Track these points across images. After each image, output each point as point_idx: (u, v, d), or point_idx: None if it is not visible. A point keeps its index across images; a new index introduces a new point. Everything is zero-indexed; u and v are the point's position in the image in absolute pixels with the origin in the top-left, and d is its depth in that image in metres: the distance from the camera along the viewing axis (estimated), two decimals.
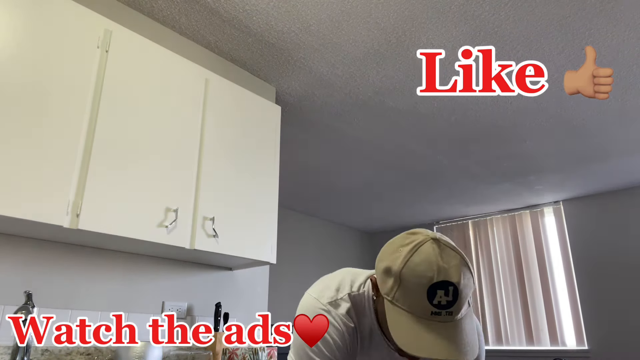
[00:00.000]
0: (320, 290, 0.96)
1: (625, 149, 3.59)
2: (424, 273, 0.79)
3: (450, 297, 0.78)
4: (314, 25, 2.20)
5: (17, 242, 1.62)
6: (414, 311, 0.79)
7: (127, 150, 1.68)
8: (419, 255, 0.81)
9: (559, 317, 4.65)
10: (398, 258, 0.82)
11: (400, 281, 0.81)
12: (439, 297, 0.78)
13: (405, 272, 0.80)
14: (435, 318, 0.78)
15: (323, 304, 0.93)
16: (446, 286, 0.78)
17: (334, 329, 0.91)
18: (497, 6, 2.07)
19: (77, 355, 1.64)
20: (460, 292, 0.79)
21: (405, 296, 0.80)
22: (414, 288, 0.79)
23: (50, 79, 1.53)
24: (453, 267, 0.79)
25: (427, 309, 0.78)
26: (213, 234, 1.88)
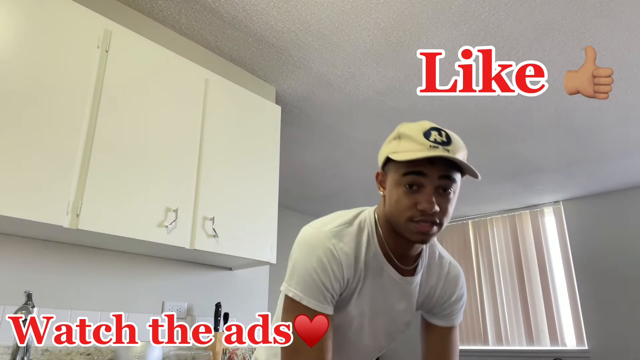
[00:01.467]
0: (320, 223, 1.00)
1: (624, 149, 3.59)
2: (419, 125, 0.92)
3: (444, 138, 0.90)
4: (314, 25, 2.20)
5: (17, 242, 1.62)
6: (415, 148, 0.88)
7: (127, 150, 1.68)
8: (414, 123, 0.95)
9: (559, 317, 4.65)
10: (397, 129, 0.96)
11: (400, 136, 0.93)
12: (434, 136, 0.89)
13: (403, 129, 0.93)
14: (434, 150, 0.87)
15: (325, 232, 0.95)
16: (439, 130, 0.91)
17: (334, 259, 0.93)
18: (497, 6, 2.07)
19: (77, 355, 1.64)
20: (453, 138, 0.92)
21: (406, 143, 0.91)
22: (412, 134, 0.90)
23: (50, 79, 1.53)
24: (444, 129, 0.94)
25: (426, 144, 0.88)
26: (213, 234, 1.88)
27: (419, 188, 0.89)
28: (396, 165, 0.92)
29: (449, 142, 0.90)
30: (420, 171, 0.89)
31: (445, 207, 0.91)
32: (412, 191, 0.89)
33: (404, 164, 0.90)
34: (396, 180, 0.92)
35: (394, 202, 0.92)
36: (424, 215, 0.89)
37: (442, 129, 0.92)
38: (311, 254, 0.93)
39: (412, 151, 0.88)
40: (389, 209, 0.95)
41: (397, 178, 0.91)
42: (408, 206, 0.90)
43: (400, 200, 0.91)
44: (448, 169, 0.90)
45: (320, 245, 0.94)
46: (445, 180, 0.90)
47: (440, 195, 0.90)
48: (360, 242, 0.97)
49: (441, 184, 0.90)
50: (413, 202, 0.89)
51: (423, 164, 0.88)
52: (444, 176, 0.89)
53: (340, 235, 0.96)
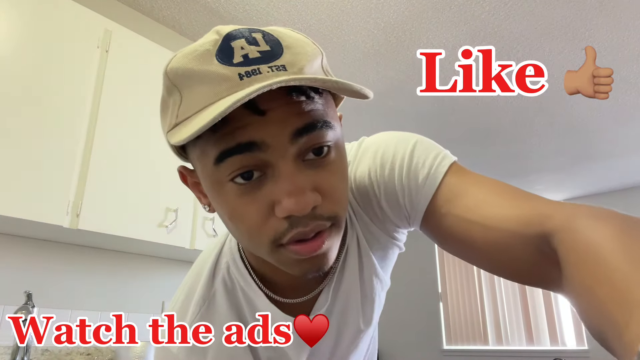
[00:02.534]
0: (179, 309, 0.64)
1: (625, 149, 3.59)
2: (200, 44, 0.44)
3: (264, 45, 0.42)
4: (314, 25, 2.20)
5: (17, 242, 1.62)
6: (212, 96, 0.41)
7: (127, 150, 1.67)
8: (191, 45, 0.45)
9: (559, 317, 4.65)
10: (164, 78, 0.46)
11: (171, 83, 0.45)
12: (241, 49, 0.42)
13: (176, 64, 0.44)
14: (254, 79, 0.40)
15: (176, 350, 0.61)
16: (246, 35, 0.43)
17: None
18: (497, 6, 2.07)
19: (77, 355, 1.64)
20: (282, 38, 0.44)
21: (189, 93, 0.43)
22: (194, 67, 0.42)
23: (50, 79, 1.53)
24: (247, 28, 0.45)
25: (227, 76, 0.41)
26: (213, 234, 1.88)
27: (263, 172, 0.43)
28: (200, 148, 0.45)
29: (278, 50, 0.43)
30: (248, 141, 0.41)
31: (331, 188, 0.45)
32: (251, 185, 0.43)
33: (211, 140, 0.42)
34: (211, 177, 0.45)
35: (229, 222, 0.47)
36: (297, 226, 0.43)
37: (253, 29, 0.44)
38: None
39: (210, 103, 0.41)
40: (233, 236, 0.54)
41: (210, 172, 0.45)
42: (258, 220, 0.44)
43: (237, 214, 0.45)
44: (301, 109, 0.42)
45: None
46: (304, 135, 0.42)
47: (309, 167, 0.44)
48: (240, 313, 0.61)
49: (303, 144, 0.43)
50: (265, 206, 0.43)
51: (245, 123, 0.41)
52: (301, 128, 0.42)
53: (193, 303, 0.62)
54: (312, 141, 0.43)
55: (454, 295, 5.39)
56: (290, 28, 0.48)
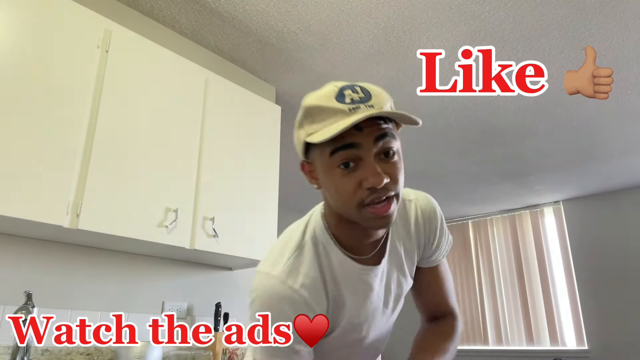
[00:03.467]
0: (271, 262, 0.87)
1: (625, 149, 3.59)
2: (326, 91, 0.77)
3: (361, 93, 0.75)
4: (314, 25, 2.20)
5: (17, 242, 1.62)
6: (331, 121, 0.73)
7: (127, 150, 1.68)
8: (319, 89, 0.79)
9: (559, 317, 4.65)
10: (302, 104, 0.80)
11: (309, 112, 0.77)
12: (349, 95, 0.74)
13: (309, 102, 0.78)
14: (355, 112, 0.72)
15: (277, 276, 0.83)
16: (352, 87, 0.76)
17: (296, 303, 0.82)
18: (497, 6, 2.07)
19: (77, 355, 1.64)
20: (372, 91, 0.76)
21: (319, 119, 0.75)
22: (323, 105, 0.75)
23: (50, 79, 1.53)
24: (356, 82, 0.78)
25: (343, 109, 0.73)
26: (213, 234, 1.88)
27: (356, 163, 0.74)
28: (320, 148, 0.76)
29: (369, 96, 0.75)
30: (350, 143, 0.73)
31: (395, 174, 0.76)
32: (349, 170, 0.74)
33: (328, 143, 0.73)
34: (326, 165, 0.76)
35: (334, 192, 0.78)
36: (375, 193, 0.74)
37: (356, 84, 0.76)
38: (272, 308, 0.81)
39: (332, 124, 0.73)
40: (333, 203, 0.81)
41: (326, 161, 0.76)
42: (352, 190, 0.75)
43: (340, 187, 0.76)
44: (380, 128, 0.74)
45: (277, 297, 0.81)
46: (382, 141, 0.75)
47: (384, 162, 0.75)
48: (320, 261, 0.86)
49: (380, 148, 0.75)
50: (356, 183, 0.74)
51: (350, 134, 0.73)
52: (379, 137, 0.74)
53: (294, 270, 0.84)
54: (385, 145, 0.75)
55: None
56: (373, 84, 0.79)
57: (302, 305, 0.82)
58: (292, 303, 0.82)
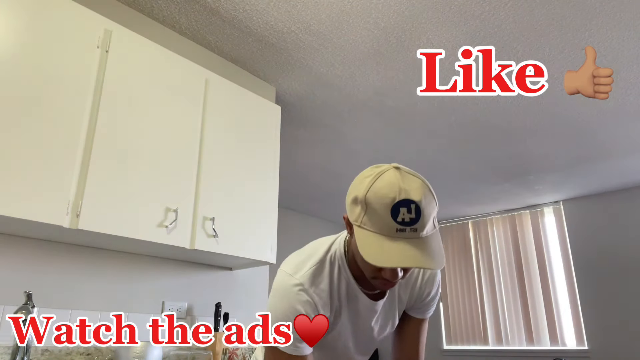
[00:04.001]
0: (294, 265, 1.02)
1: (625, 149, 3.59)
2: (386, 194, 0.83)
3: (413, 214, 0.83)
4: (314, 25, 2.20)
5: (17, 242, 1.62)
6: (380, 231, 0.84)
7: (127, 150, 1.68)
8: (382, 181, 0.86)
9: (559, 317, 4.65)
10: (362, 186, 0.88)
11: (366, 206, 0.85)
12: (402, 214, 0.82)
13: (370, 196, 0.85)
14: (400, 235, 0.83)
15: (298, 279, 0.98)
16: (408, 204, 0.83)
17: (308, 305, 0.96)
18: (497, 6, 2.07)
19: (77, 355, 1.64)
20: (423, 210, 0.83)
21: (372, 219, 0.85)
22: (379, 208, 0.83)
23: (50, 79, 1.53)
24: (414, 189, 0.84)
25: (392, 226, 0.83)
26: (213, 234, 1.88)
27: None
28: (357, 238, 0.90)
29: (418, 217, 0.83)
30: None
31: (409, 271, 0.95)
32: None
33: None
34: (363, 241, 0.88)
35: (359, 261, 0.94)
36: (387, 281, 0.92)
37: (412, 201, 0.83)
38: (286, 304, 0.96)
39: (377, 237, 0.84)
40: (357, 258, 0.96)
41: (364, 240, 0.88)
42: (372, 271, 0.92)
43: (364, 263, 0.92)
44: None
45: (294, 295, 0.96)
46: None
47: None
48: (333, 278, 1.01)
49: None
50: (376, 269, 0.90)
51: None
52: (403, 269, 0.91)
53: (314, 278, 0.99)
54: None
55: (454, 295, 5.39)
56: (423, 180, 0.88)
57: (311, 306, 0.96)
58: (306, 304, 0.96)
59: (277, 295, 0.99)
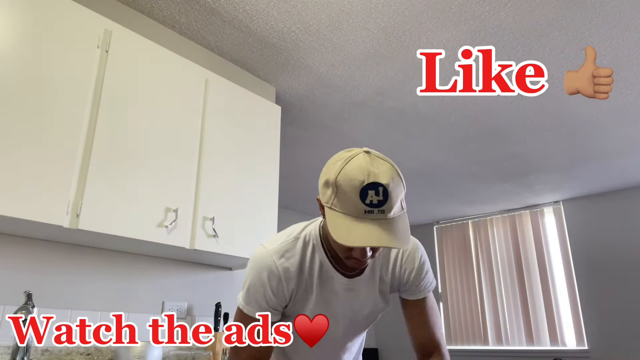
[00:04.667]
0: (270, 240, 1.09)
1: (625, 149, 3.59)
2: (355, 177, 0.88)
3: (380, 196, 0.87)
4: (314, 25, 2.20)
5: (17, 242, 1.62)
6: (350, 212, 0.88)
7: (127, 150, 1.68)
8: (352, 164, 0.90)
9: (559, 317, 4.65)
10: (334, 169, 0.91)
11: (336, 188, 0.90)
12: (370, 197, 0.87)
13: (340, 179, 0.89)
14: (368, 216, 0.87)
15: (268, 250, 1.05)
16: (376, 187, 0.87)
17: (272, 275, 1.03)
18: (497, 6, 2.07)
19: (77, 355, 1.64)
20: (390, 193, 0.88)
21: (341, 201, 0.89)
22: (349, 191, 0.88)
23: (50, 79, 1.53)
24: (382, 172, 0.89)
25: (361, 208, 0.87)
26: (213, 234, 1.88)
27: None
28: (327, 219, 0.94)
29: (385, 199, 0.87)
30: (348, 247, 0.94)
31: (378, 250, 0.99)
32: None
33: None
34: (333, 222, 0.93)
35: (331, 242, 0.99)
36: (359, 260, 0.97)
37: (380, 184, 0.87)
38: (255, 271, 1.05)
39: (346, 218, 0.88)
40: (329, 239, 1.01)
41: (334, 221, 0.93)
42: (343, 251, 0.97)
43: (335, 244, 0.97)
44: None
45: (263, 264, 1.04)
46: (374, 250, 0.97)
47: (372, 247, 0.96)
48: (305, 256, 1.06)
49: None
50: (347, 249, 0.95)
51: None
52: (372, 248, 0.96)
53: (283, 252, 1.05)
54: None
55: (454, 295, 5.39)
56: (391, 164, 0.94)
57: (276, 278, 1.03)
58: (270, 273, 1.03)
59: (249, 264, 1.07)
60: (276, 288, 1.03)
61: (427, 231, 5.73)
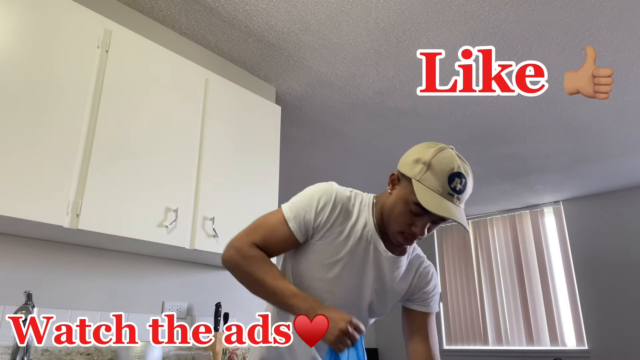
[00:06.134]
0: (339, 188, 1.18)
1: (625, 149, 3.59)
2: (449, 163, 1.03)
3: (462, 186, 1.03)
4: (314, 25, 2.20)
5: (17, 242, 1.62)
6: (436, 189, 1.01)
7: (127, 150, 1.67)
8: (445, 153, 1.05)
9: (559, 317, 4.65)
10: (428, 152, 1.05)
11: (429, 166, 1.02)
12: (456, 183, 1.02)
13: (435, 161, 1.03)
14: (449, 197, 1.01)
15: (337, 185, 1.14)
16: (461, 177, 1.03)
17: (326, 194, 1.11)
18: (497, 6, 2.07)
19: (77, 355, 1.64)
20: (468, 187, 1.05)
21: (430, 177, 1.02)
22: (440, 172, 1.01)
23: (50, 79, 1.53)
24: (467, 168, 1.06)
25: (446, 189, 1.01)
26: (213, 234, 1.88)
27: (420, 215, 1.04)
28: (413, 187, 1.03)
29: (464, 189, 1.03)
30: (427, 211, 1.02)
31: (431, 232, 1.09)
32: (413, 214, 1.04)
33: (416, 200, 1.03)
34: (406, 198, 1.05)
35: (395, 212, 1.07)
36: (412, 236, 1.07)
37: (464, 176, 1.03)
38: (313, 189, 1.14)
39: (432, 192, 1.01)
40: (388, 211, 1.09)
41: (407, 197, 1.04)
42: (405, 223, 1.06)
43: (400, 215, 1.06)
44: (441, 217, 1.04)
45: (327, 187, 1.13)
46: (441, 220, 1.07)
47: (433, 224, 1.07)
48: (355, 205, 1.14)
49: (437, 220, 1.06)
50: (410, 222, 1.05)
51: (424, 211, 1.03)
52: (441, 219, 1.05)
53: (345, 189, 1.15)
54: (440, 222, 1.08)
55: (454, 295, 5.39)
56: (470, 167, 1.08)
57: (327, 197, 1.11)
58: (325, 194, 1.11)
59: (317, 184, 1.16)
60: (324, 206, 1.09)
61: None
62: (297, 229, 1.10)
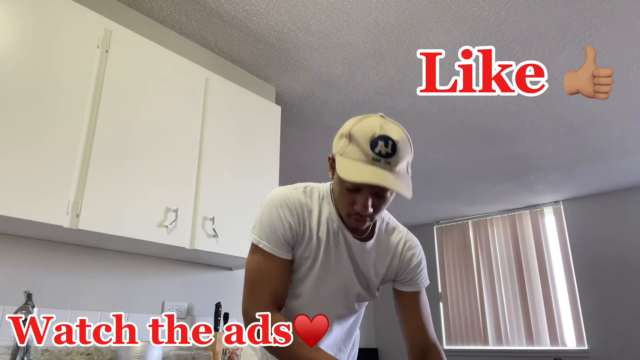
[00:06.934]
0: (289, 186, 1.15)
1: (625, 149, 3.59)
2: (369, 129, 0.95)
3: (389, 149, 0.93)
4: (314, 25, 2.20)
5: (17, 242, 1.62)
6: (359, 158, 0.94)
7: (127, 150, 1.68)
8: (366, 121, 0.98)
9: (559, 317, 4.65)
10: (350, 123, 1.00)
11: (349, 138, 0.97)
12: (380, 147, 0.93)
13: (354, 130, 0.97)
14: (376, 163, 0.93)
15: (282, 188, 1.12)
16: (386, 139, 0.94)
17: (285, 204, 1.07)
18: (497, 6, 2.07)
19: (77, 355, 1.64)
20: (399, 149, 0.95)
21: (353, 149, 0.96)
22: (361, 140, 0.94)
23: (50, 79, 1.53)
24: (394, 130, 0.96)
25: (370, 155, 0.93)
26: (213, 234, 1.88)
27: (356, 191, 0.98)
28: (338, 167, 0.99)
29: (393, 152, 0.94)
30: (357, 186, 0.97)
31: (379, 207, 1.01)
32: (351, 191, 0.99)
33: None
34: (339, 177, 1.00)
35: (337, 195, 1.05)
36: (359, 215, 1.00)
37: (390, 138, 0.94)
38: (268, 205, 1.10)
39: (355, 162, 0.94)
40: (335, 197, 1.07)
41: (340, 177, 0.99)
42: (346, 204, 1.00)
43: (341, 196, 1.02)
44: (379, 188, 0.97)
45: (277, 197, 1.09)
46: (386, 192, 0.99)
47: (376, 197, 0.99)
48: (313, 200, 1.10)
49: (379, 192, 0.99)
50: (351, 201, 0.99)
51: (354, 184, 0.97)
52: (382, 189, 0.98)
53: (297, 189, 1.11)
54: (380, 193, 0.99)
55: (454, 295, 5.39)
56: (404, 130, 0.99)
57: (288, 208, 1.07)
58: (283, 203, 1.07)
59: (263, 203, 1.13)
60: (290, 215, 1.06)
61: (427, 231, 5.73)
62: (281, 251, 1.06)
